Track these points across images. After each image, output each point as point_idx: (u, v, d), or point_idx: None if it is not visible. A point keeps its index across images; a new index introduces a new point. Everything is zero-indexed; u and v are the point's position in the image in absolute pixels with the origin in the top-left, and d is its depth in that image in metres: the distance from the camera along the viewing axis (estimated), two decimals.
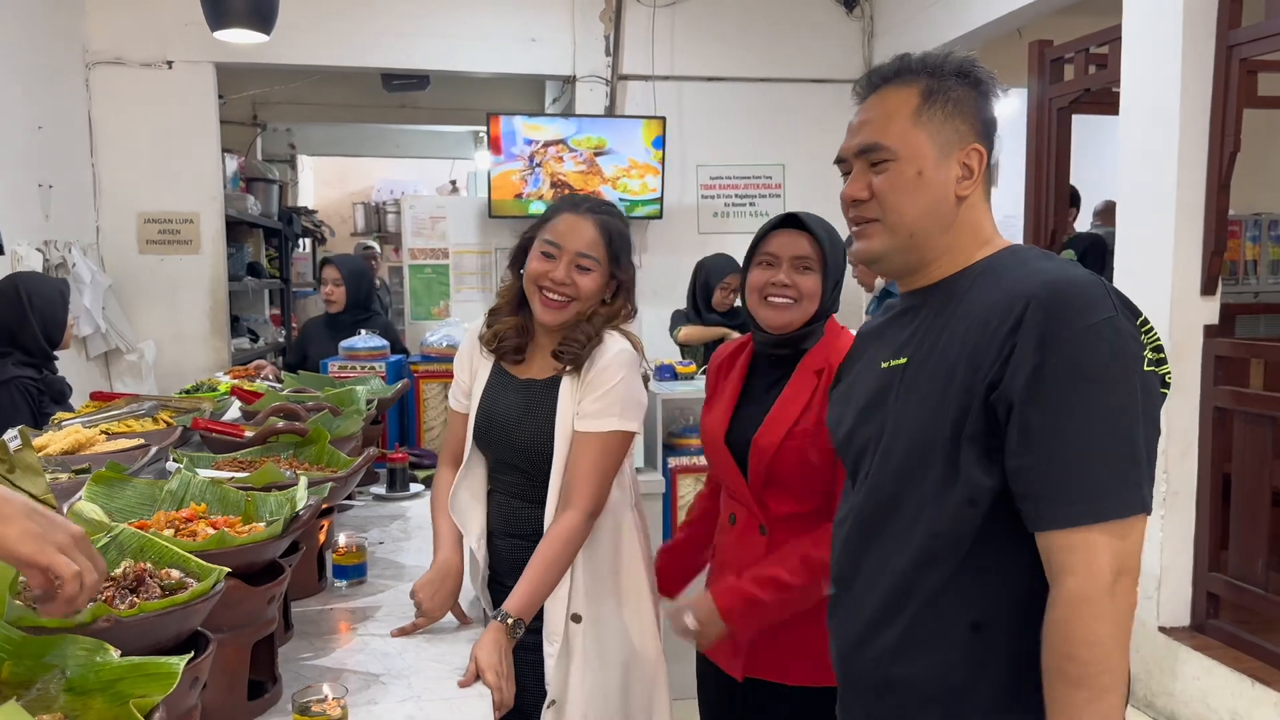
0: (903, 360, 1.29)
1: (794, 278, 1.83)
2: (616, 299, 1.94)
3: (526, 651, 1.82)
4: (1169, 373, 1.18)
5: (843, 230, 1.69)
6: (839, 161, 1.37)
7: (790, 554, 1.79)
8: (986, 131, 1.29)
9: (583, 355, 1.87)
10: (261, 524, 1.55)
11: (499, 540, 1.98)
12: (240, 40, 3.57)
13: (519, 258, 1.96)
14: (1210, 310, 3.36)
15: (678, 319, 4.52)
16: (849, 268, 4.23)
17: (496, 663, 1.64)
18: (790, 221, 1.87)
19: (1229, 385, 3.29)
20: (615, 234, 1.91)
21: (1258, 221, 4.86)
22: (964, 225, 1.30)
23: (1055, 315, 1.13)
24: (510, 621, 1.72)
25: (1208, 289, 3.34)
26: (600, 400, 1.85)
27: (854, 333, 1.84)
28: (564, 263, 1.86)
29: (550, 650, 1.86)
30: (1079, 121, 4.20)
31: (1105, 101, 3.87)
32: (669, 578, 2.12)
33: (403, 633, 1.82)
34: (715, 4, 5.84)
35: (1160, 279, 3.35)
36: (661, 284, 5.71)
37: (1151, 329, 1.17)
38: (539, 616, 1.84)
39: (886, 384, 1.32)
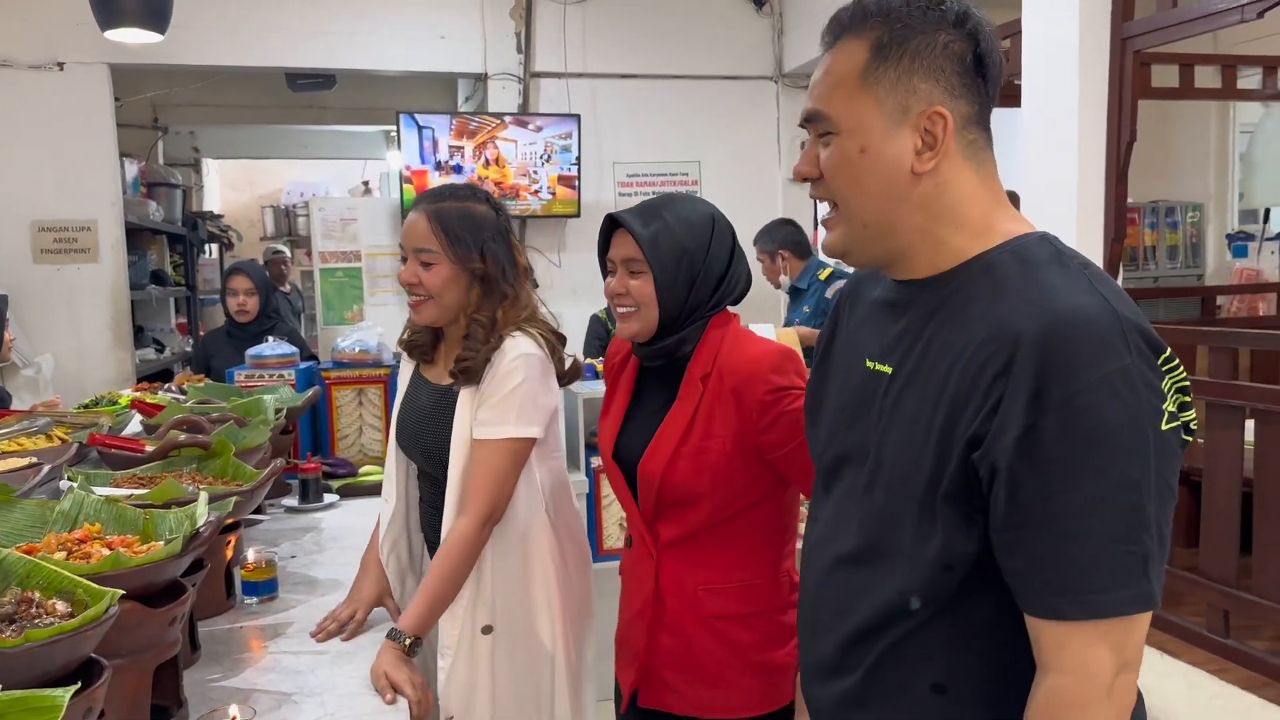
0: (888, 369, 1.09)
1: (627, 283, 1.70)
2: (473, 295, 1.86)
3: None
4: (1193, 419, 0.96)
5: (751, 214, 1.63)
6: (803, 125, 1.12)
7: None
8: (964, 84, 1.02)
9: (477, 367, 1.83)
10: (160, 543, 1.48)
11: (431, 547, 1.97)
12: (133, 40, 3.44)
13: None
14: None
15: (595, 328, 4.48)
16: (772, 256, 4.33)
17: (409, 675, 1.60)
18: (615, 223, 1.72)
19: None
20: (450, 219, 1.84)
21: (1155, 209, 5.03)
22: (937, 207, 1.04)
23: (1054, 363, 0.91)
24: (407, 642, 1.67)
25: (1110, 274, 3.43)
26: (497, 407, 1.81)
27: (749, 326, 1.74)
28: (409, 263, 1.87)
29: (443, 664, 1.82)
30: None
31: (1007, 94, 3.96)
32: None
33: (326, 634, 1.79)
34: (627, 2, 5.84)
35: None
36: (581, 282, 5.69)
37: (1177, 366, 0.94)
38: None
39: (871, 390, 1.11)
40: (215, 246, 8.06)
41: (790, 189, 6.22)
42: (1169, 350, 0.94)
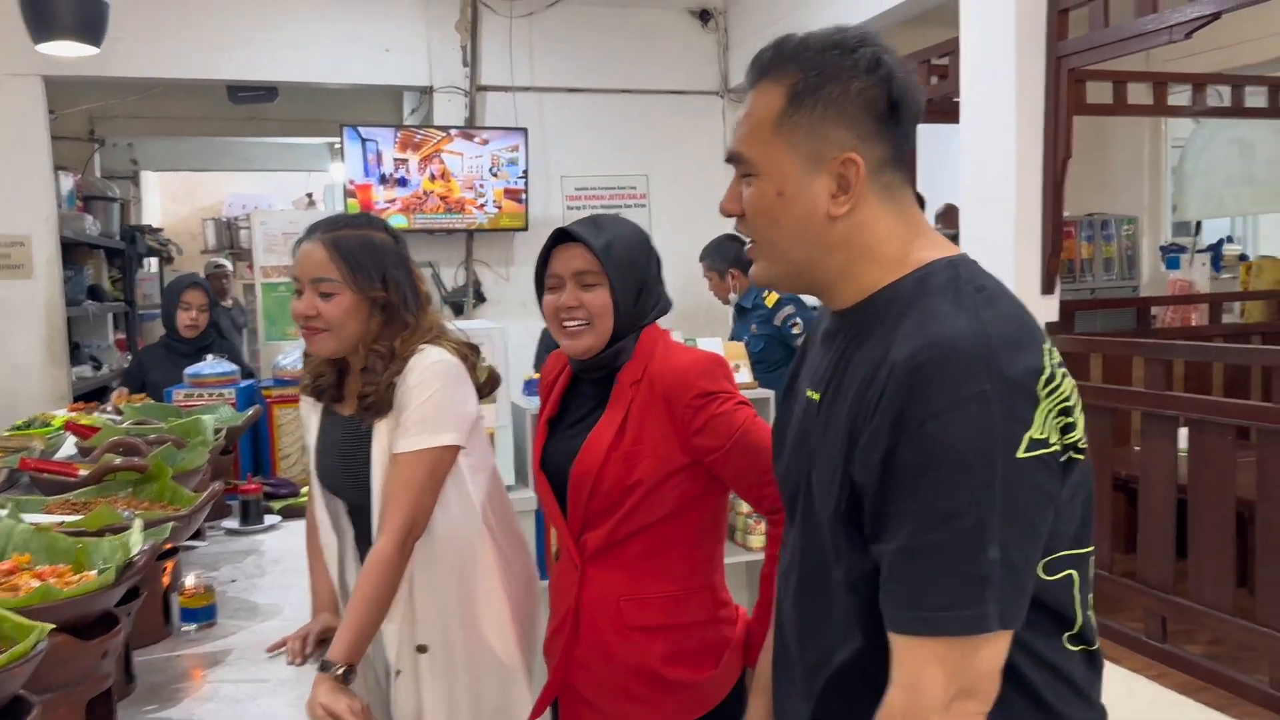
0: (818, 396, 1.12)
1: (580, 296, 1.69)
2: (373, 325, 1.81)
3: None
4: (1077, 439, 0.98)
5: (671, 229, 1.65)
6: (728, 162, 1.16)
7: None
8: (877, 129, 1.05)
9: (382, 398, 1.79)
10: (93, 573, 1.45)
11: None
12: (67, 53, 3.37)
13: None
14: (1050, 308, 3.52)
15: (548, 342, 4.46)
16: (721, 274, 4.35)
17: (348, 703, 1.57)
18: (564, 235, 1.73)
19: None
20: (350, 247, 1.79)
21: (1091, 222, 5.14)
22: (855, 247, 1.06)
23: (914, 390, 0.94)
24: (340, 672, 1.61)
25: (1047, 288, 3.50)
26: (410, 418, 1.76)
27: (698, 341, 1.76)
28: (305, 294, 1.79)
29: (392, 681, 1.81)
30: (923, 130, 4.34)
31: (947, 111, 4.03)
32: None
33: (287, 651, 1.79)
34: (573, 16, 5.84)
35: (1002, 280, 3.46)
36: (530, 296, 5.61)
37: (1057, 388, 0.96)
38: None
39: (809, 419, 1.14)
40: (155, 260, 7.91)
41: None
42: (1050, 372, 0.96)
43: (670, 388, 1.66)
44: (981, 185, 3.63)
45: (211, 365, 3.21)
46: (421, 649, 1.82)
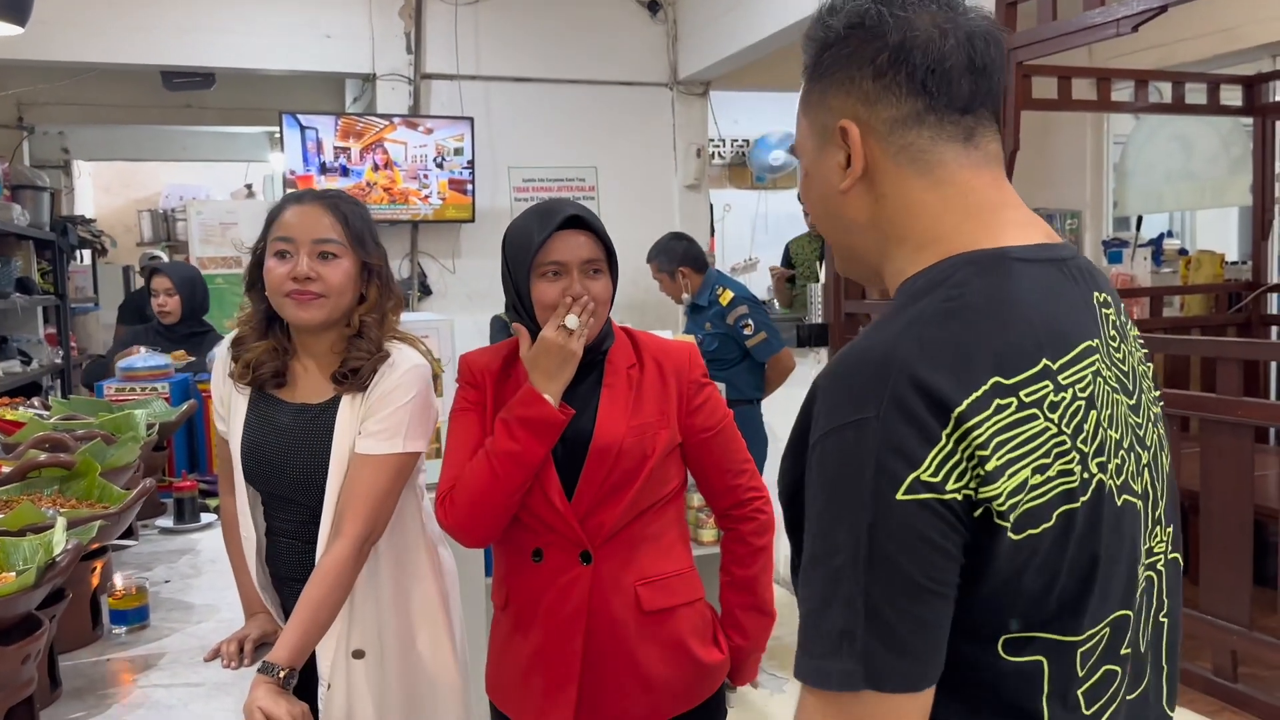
0: None
1: (588, 285, 1.65)
2: (371, 290, 1.76)
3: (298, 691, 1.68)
4: (994, 494, 0.79)
5: (632, 226, 1.65)
6: None
7: None
8: (881, 87, 0.91)
9: (367, 374, 1.72)
10: (12, 574, 1.36)
11: (284, 585, 1.83)
12: None
13: (255, 275, 1.77)
14: None
15: (498, 326, 4.40)
16: (671, 275, 4.31)
17: (287, 708, 1.50)
18: (574, 221, 1.66)
19: None
20: (353, 216, 1.75)
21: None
22: (880, 226, 0.95)
23: (814, 409, 0.86)
24: (281, 675, 1.54)
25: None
26: (387, 420, 1.70)
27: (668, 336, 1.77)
28: (303, 255, 1.69)
29: (322, 692, 1.73)
30: None
31: None
32: None
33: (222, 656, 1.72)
34: (520, 4, 5.77)
35: None
36: (477, 288, 5.60)
37: (973, 430, 0.79)
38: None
39: None
40: (88, 252, 7.67)
41: (687, 195, 6.24)
42: (986, 414, 0.79)
43: (677, 365, 1.72)
44: None
45: (145, 358, 3.10)
46: (358, 654, 1.76)
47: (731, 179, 8.31)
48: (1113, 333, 0.92)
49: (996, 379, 0.81)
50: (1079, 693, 0.86)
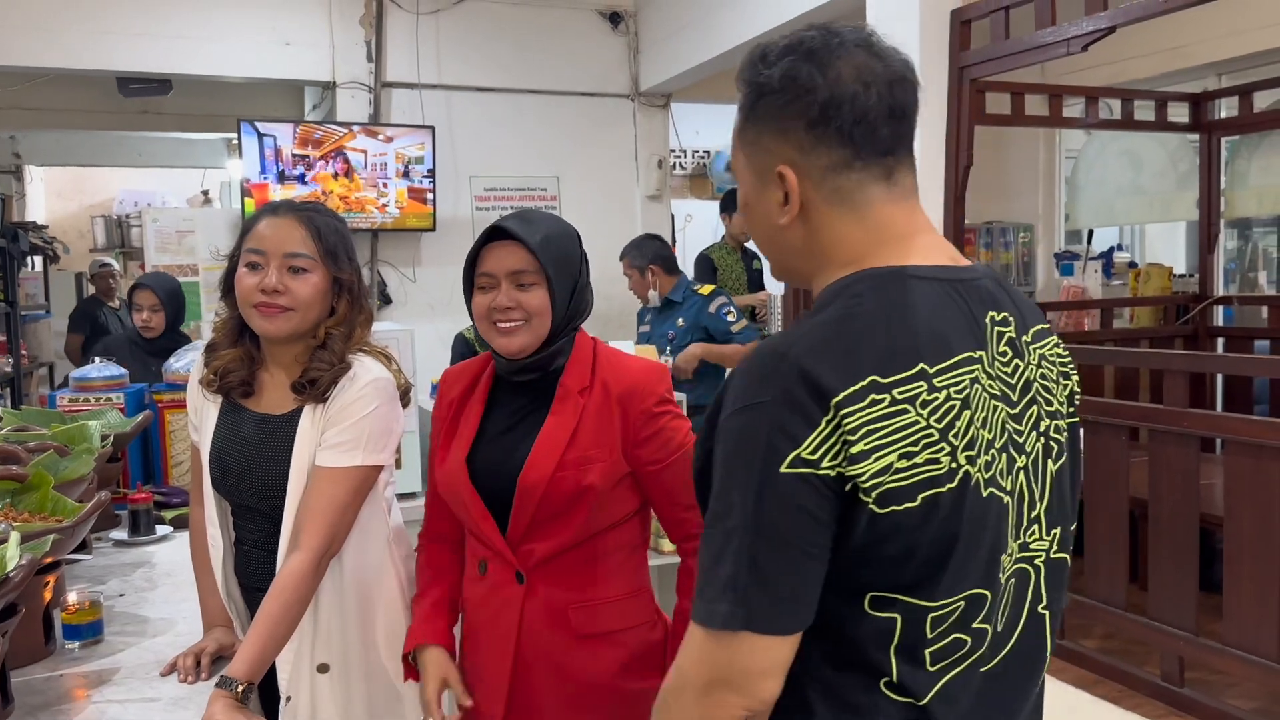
0: None
1: (516, 297, 1.64)
2: (340, 306, 1.76)
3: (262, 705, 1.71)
4: (862, 472, 0.93)
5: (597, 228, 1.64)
6: None
7: None
8: (814, 137, 1.03)
9: (324, 385, 1.72)
10: None
11: (249, 594, 1.82)
12: None
13: (229, 283, 1.77)
14: None
15: (461, 349, 4.38)
16: (641, 271, 4.33)
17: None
18: (499, 233, 1.66)
19: None
20: (326, 230, 1.75)
21: (989, 229, 5.29)
22: (813, 252, 1.08)
23: (725, 398, 1.00)
24: (240, 689, 1.53)
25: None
26: (347, 432, 1.70)
27: (628, 346, 1.76)
28: (273, 268, 1.69)
29: (283, 707, 1.73)
30: None
31: None
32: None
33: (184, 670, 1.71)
34: (481, 14, 5.77)
35: None
36: (438, 298, 5.58)
37: (850, 416, 0.93)
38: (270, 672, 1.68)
39: None
40: (39, 259, 7.53)
41: (649, 206, 6.27)
42: (863, 404, 0.93)
43: (627, 393, 1.65)
44: None
45: (99, 368, 3.06)
46: (322, 669, 1.75)
47: (692, 189, 8.36)
48: (1004, 348, 1.06)
49: (874, 377, 0.95)
50: (926, 651, 1.00)
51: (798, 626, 0.97)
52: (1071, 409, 1.15)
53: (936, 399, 0.96)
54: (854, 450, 0.93)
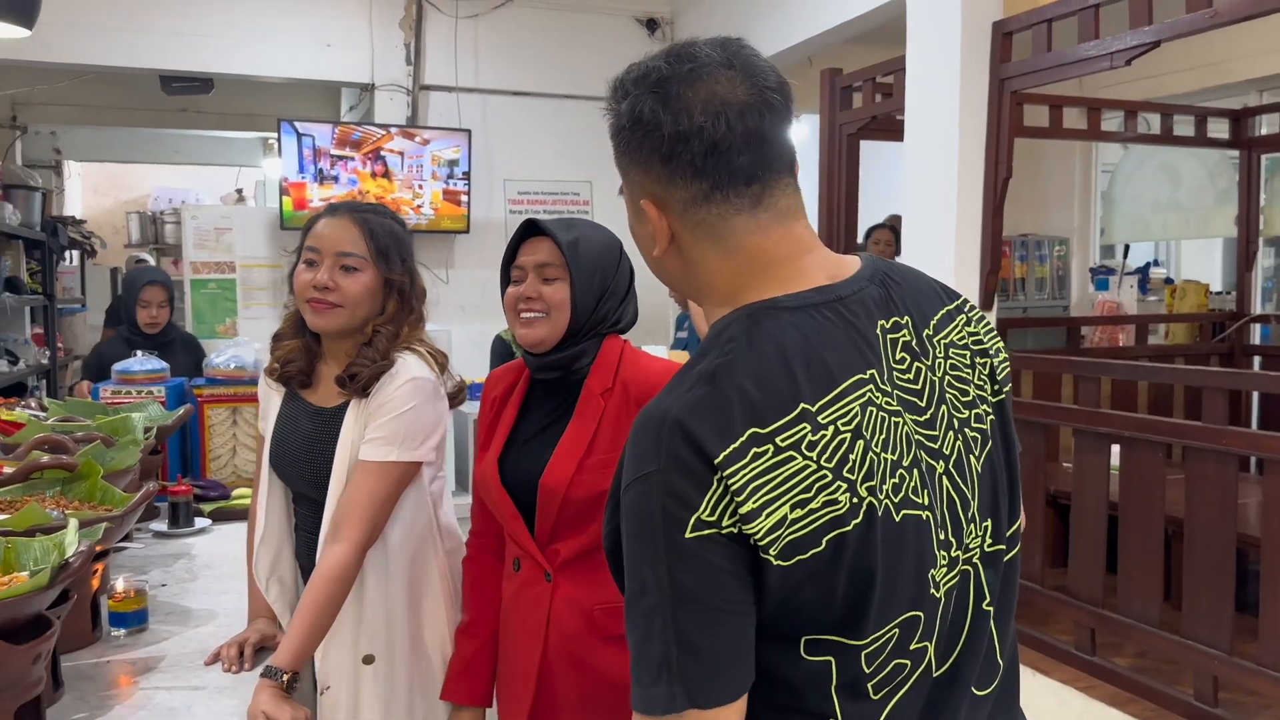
0: None
1: (539, 288, 1.68)
2: (389, 305, 1.84)
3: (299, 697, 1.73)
4: (756, 530, 0.89)
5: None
6: None
7: None
8: (670, 171, 1.00)
9: (365, 379, 1.78)
10: (24, 573, 1.38)
11: (306, 576, 1.88)
12: None
13: (293, 279, 1.86)
14: None
15: (500, 349, 4.40)
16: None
17: (291, 713, 1.53)
18: (532, 229, 1.73)
19: None
20: (380, 231, 1.83)
21: (1024, 242, 5.26)
22: (693, 282, 1.06)
23: (622, 470, 0.96)
24: (285, 678, 1.58)
25: (985, 305, 3.57)
26: (384, 428, 1.77)
27: (662, 351, 1.77)
28: (325, 266, 1.78)
29: (324, 698, 1.78)
30: (867, 146, 4.42)
31: (891, 128, 4.09)
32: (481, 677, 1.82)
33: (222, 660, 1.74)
34: (519, 19, 5.81)
35: None
36: (470, 300, 5.61)
37: (738, 471, 0.89)
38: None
39: None
40: (76, 253, 7.64)
41: None
42: (744, 462, 0.89)
43: (644, 394, 1.65)
44: (924, 203, 3.69)
45: (141, 361, 3.11)
46: (368, 660, 1.80)
47: None
48: (900, 355, 1.01)
49: (754, 429, 0.90)
50: (868, 685, 0.96)
51: (740, 691, 0.92)
52: (995, 386, 1.10)
53: (824, 436, 0.92)
54: (744, 510, 0.89)
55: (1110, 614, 3.05)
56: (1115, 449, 3.13)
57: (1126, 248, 5.41)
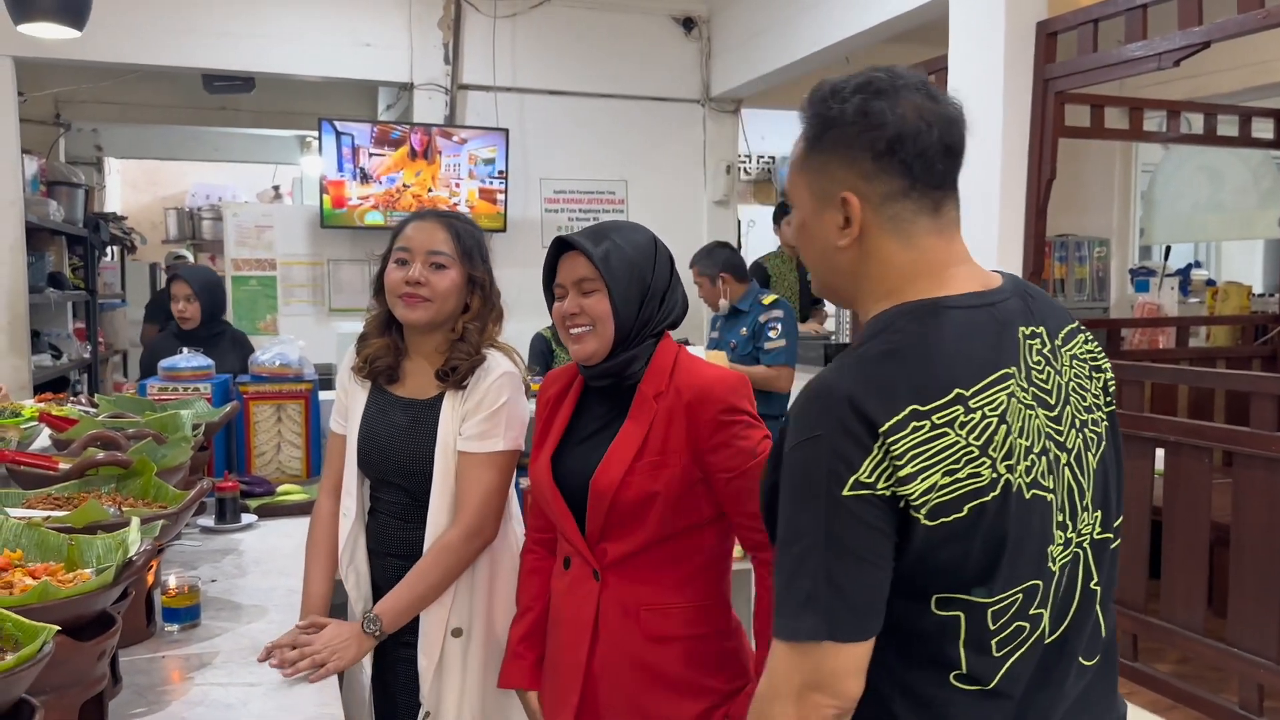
0: None
1: (580, 303, 1.71)
2: (474, 302, 1.98)
3: (402, 665, 1.95)
4: (913, 492, 1.04)
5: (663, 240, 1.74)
6: None
7: None
8: (879, 167, 1.14)
9: (463, 372, 1.93)
10: (88, 571, 1.40)
11: (377, 560, 2.02)
12: (48, 35, 3.28)
13: (380, 282, 2.00)
14: None
15: (539, 346, 4.44)
16: (712, 279, 4.34)
17: (345, 648, 1.77)
18: (565, 245, 1.75)
19: None
20: (464, 233, 1.99)
21: (1064, 243, 5.22)
22: (861, 275, 1.19)
23: (787, 425, 1.11)
24: (377, 631, 1.82)
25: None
26: (487, 421, 1.92)
27: (699, 351, 1.82)
28: (417, 263, 1.93)
29: (425, 664, 1.92)
30: None
31: None
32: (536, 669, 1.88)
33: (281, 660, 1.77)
34: (556, 18, 5.82)
35: None
36: (507, 297, 5.55)
37: (899, 441, 1.03)
38: (414, 629, 1.91)
39: None
40: (117, 249, 7.75)
41: (716, 211, 6.28)
42: (888, 426, 1.04)
43: (695, 399, 1.67)
44: (966, 204, 3.65)
45: (187, 359, 3.14)
46: (457, 633, 1.94)
47: (756, 195, 8.35)
48: (1037, 359, 1.16)
49: (914, 406, 1.05)
50: (992, 641, 1.10)
51: (870, 633, 1.07)
52: (1108, 398, 1.25)
53: (974, 419, 1.06)
54: (902, 473, 1.04)
55: (1153, 620, 3.03)
56: (1160, 453, 3.10)
57: (1167, 249, 5.35)
